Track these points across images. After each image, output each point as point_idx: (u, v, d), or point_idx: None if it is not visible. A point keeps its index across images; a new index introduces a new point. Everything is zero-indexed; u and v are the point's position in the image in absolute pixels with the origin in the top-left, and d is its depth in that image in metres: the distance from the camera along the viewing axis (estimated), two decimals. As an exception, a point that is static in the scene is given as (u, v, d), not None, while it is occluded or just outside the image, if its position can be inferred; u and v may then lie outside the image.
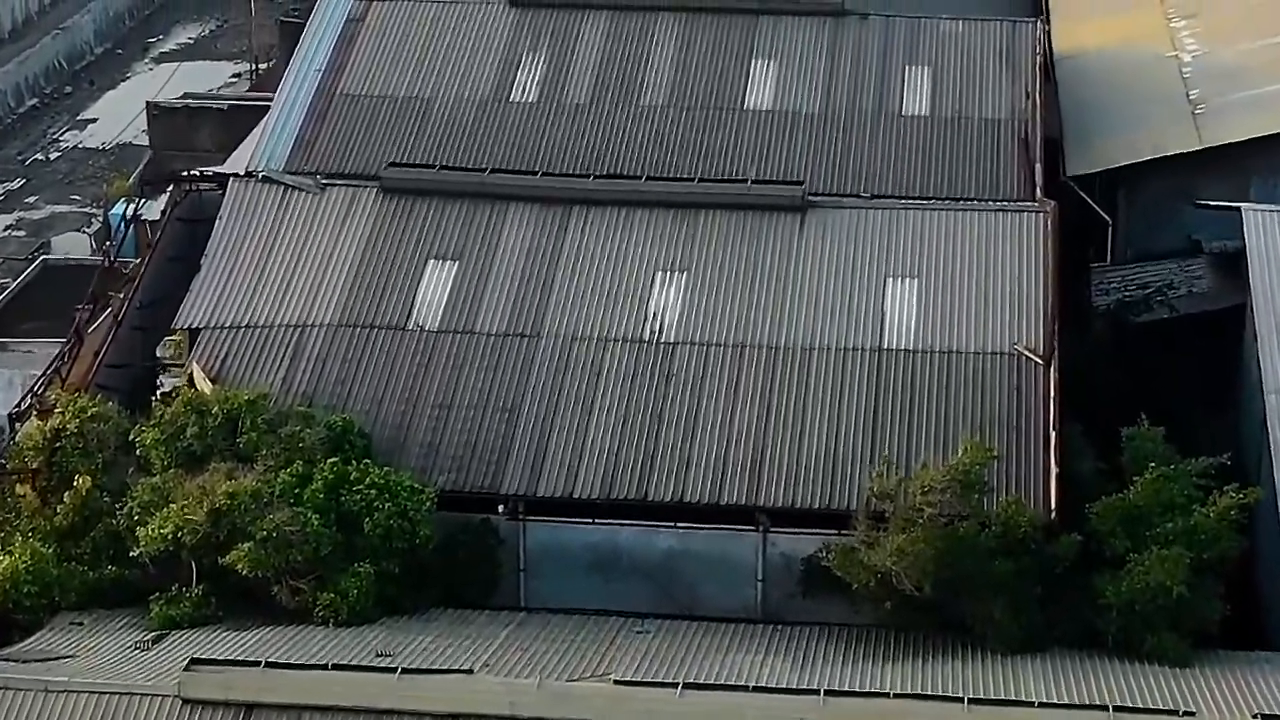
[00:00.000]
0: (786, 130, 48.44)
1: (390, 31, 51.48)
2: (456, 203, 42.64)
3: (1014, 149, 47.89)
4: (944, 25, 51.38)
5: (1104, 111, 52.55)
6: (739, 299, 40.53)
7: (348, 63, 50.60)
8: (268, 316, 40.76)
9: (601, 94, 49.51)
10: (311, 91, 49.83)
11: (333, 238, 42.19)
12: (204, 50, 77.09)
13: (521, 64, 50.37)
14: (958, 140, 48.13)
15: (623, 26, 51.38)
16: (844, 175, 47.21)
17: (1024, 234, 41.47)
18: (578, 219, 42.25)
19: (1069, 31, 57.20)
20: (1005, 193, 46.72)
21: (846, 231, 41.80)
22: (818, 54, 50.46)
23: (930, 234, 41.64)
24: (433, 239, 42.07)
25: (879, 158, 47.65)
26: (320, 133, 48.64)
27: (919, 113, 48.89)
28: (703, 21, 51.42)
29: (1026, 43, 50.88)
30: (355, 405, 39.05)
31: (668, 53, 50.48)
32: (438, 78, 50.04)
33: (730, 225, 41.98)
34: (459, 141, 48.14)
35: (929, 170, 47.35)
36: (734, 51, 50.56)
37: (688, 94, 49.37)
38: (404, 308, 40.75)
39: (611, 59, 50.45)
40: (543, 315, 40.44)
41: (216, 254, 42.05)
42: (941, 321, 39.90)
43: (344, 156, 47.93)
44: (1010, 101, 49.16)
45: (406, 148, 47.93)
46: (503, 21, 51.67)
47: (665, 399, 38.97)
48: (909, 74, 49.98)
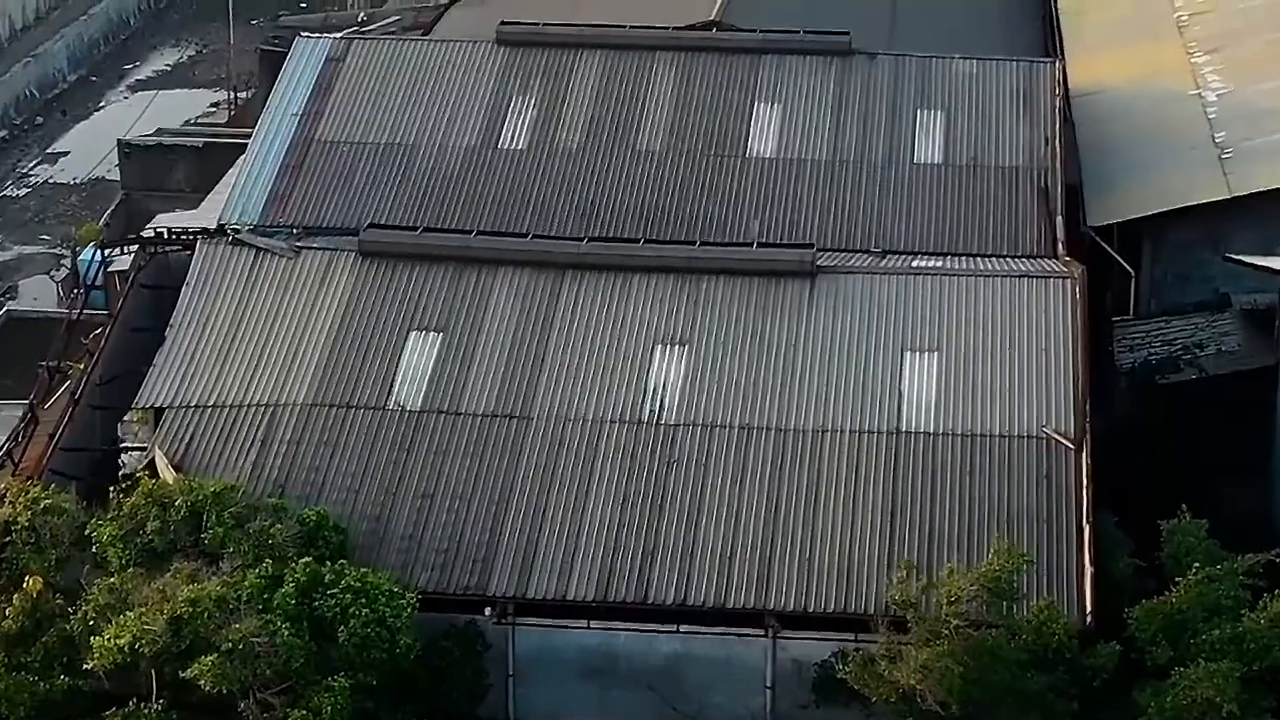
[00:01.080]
0: (792, 180, 45.20)
1: (371, 72, 48.19)
2: (440, 267, 39.26)
3: (1033, 199, 44.69)
4: (957, 65, 48.12)
5: (1125, 155, 49.24)
6: (745, 375, 37.20)
7: (326, 107, 47.31)
8: (237, 395, 37.40)
9: (595, 139, 46.24)
10: (287, 139, 46.55)
11: (307, 307, 38.84)
12: (182, 77, 73.49)
13: (511, 107, 47.10)
14: (973, 190, 44.92)
15: (618, 66, 48.10)
16: (853, 229, 44.02)
17: (1051, 303, 38.14)
18: (570, 286, 38.90)
19: (1084, 65, 53.84)
20: (1024, 247, 43.56)
21: (859, 300, 38.45)
22: (824, 97, 47.20)
23: (949, 302, 38.30)
24: (415, 308, 38.72)
25: (890, 210, 44.45)
26: (296, 183, 45.39)
27: (932, 160, 45.65)
28: (702, 61, 48.14)
29: (1044, 84, 47.63)
30: (330, 494, 35.74)
31: (665, 95, 47.21)
32: (422, 122, 46.77)
33: (734, 293, 38.63)
34: (444, 192, 44.91)
35: (943, 223, 44.15)
36: (735, 94, 47.30)
37: (687, 140, 46.11)
38: (384, 385, 37.41)
39: (606, 101, 47.17)
40: (533, 394, 37.11)
41: (182, 324, 38.69)
42: (963, 401, 36.59)
43: (321, 209, 44.69)
44: (1028, 148, 45.93)
45: (388, 200, 44.73)
46: (491, 61, 48.39)
47: (666, 488, 35.65)
48: (921, 118, 46.73)
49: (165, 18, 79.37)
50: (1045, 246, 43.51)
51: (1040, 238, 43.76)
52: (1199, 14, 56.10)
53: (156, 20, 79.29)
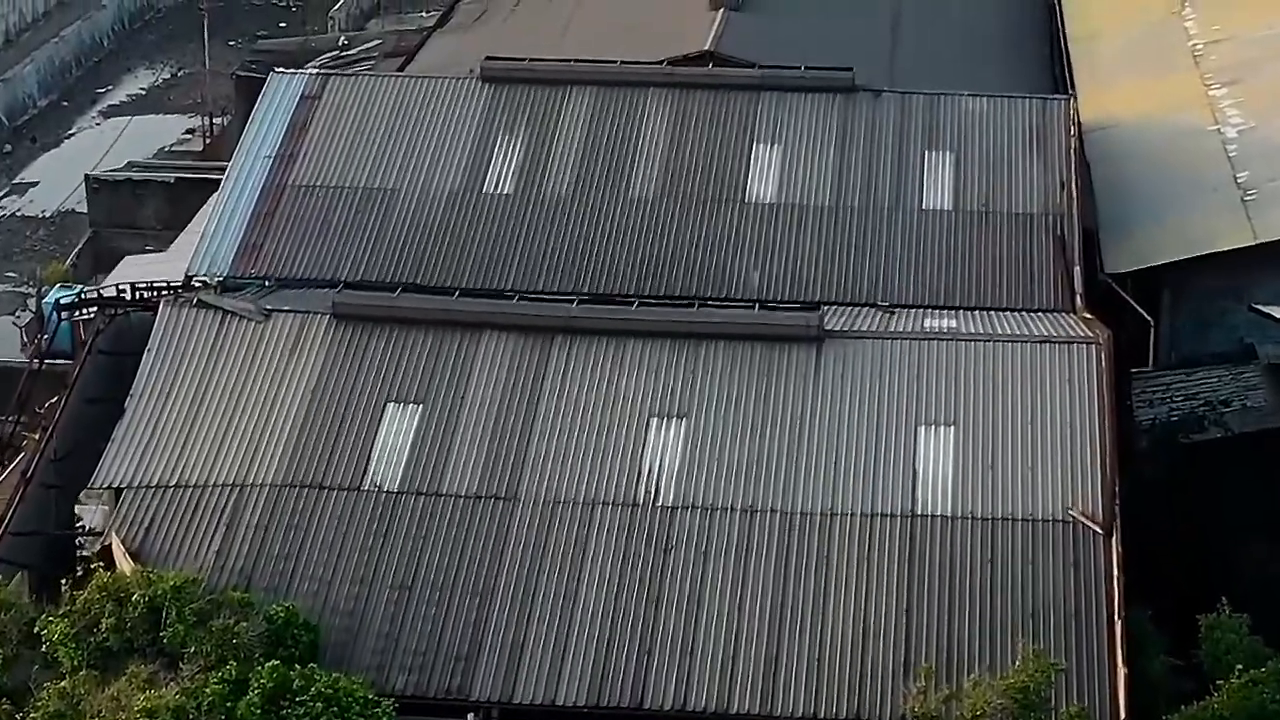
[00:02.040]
0: (793, 227, 42.24)
1: (349, 111, 45.20)
2: (420, 332, 36.23)
3: (1049, 248, 41.79)
4: (965, 103, 45.16)
5: (1142, 196, 46.27)
6: (747, 452, 34.21)
7: (301, 149, 44.31)
8: (201, 474, 34.40)
9: (586, 184, 43.28)
10: (260, 183, 43.58)
11: (277, 376, 35.81)
12: (156, 102, 70.25)
13: (497, 148, 44.13)
14: (985, 239, 42.00)
15: (608, 104, 45.12)
16: (859, 281, 41.08)
17: (1075, 371, 35.16)
18: (560, 352, 35.90)
19: (1096, 97, 50.86)
20: (1040, 300, 40.67)
21: (869, 367, 35.46)
22: (827, 137, 44.25)
23: (966, 371, 35.32)
24: (392, 377, 35.70)
25: (898, 260, 41.51)
26: (269, 232, 42.42)
27: (941, 206, 42.71)
28: (698, 99, 45.15)
29: (1058, 123, 44.69)
30: (300, 585, 32.74)
31: (659, 135, 44.24)
32: (402, 165, 43.79)
33: (736, 360, 35.65)
34: (425, 242, 41.91)
35: (954, 274, 41.22)
36: (733, 134, 44.32)
37: (682, 184, 43.14)
38: (359, 463, 34.39)
39: (597, 143, 44.21)
40: (519, 473, 34.09)
41: (143, 395, 35.67)
42: (983, 480, 33.63)
43: (295, 260, 41.74)
44: (1043, 192, 43.01)
45: (365, 250, 41.73)
46: (476, 99, 45.41)
47: (663, 578, 32.65)
48: (929, 160, 43.80)
49: (140, 38, 76.13)
50: (1063, 300, 40.65)
51: (1057, 290, 40.88)
52: (1214, 42, 53.14)
53: (131, 41, 76.06)
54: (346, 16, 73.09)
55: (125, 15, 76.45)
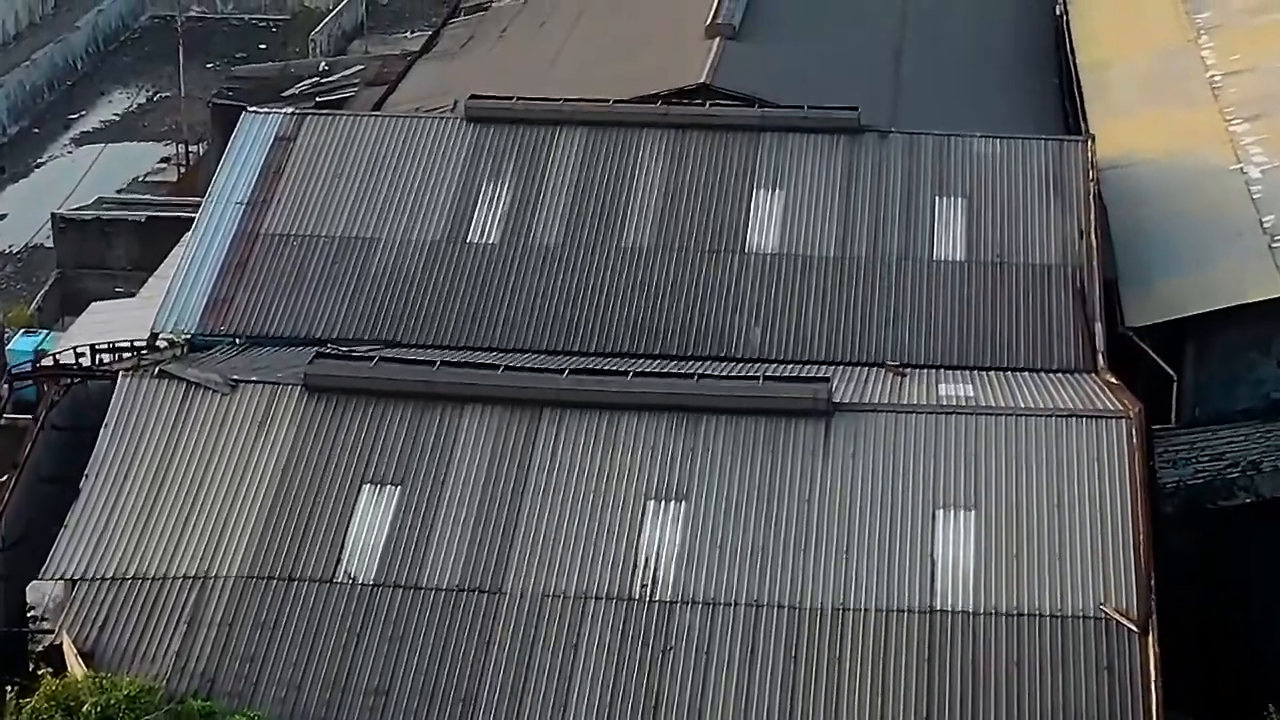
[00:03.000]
0: (796, 280, 39.46)
1: (326, 154, 42.36)
2: (398, 406, 33.28)
3: (1068, 303, 39.04)
4: (977, 145, 42.32)
5: (1163, 241, 43.46)
6: (751, 540, 31.26)
7: (275, 195, 41.51)
8: (160, 564, 31.43)
9: (576, 233, 40.47)
10: (230, 232, 40.81)
11: (244, 455, 32.86)
12: (130, 129, 67.06)
13: (482, 194, 41.32)
14: (1000, 292, 39.23)
15: (601, 146, 42.30)
16: (867, 339, 38.34)
17: (1105, 449, 32.24)
18: (549, 428, 32.99)
19: (1111, 132, 47.99)
20: (1060, 359, 37.97)
21: (883, 445, 32.52)
22: (832, 182, 41.44)
23: (987, 449, 32.39)
24: (369, 456, 32.77)
25: (908, 315, 38.75)
26: (240, 285, 39.66)
27: (953, 257, 39.92)
28: (695, 140, 42.33)
29: (1076, 166, 41.88)
30: (268, 691, 29.67)
31: (654, 180, 41.41)
32: (381, 212, 40.98)
33: (738, 436, 32.72)
34: (405, 297, 39.18)
35: (968, 331, 38.48)
36: (733, 178, 41.51)
37: (678, 233, 40.34)
38: (331, 553, 31.43)
39: (588, 188, 41.38)
40: (506, 564, 31.16)
41: (99, 476, 32.71)
42: (1007, 572, 30.71)
43: (267, 316, 39.04)
44: (1061, 242, 40.23)
45: (342, 305, 39.03)
46: (459, 140, 42.58)
47: (662, 682, 29.63)
48: (940, 207, 40.99)
49: (115, 60, 72.92)
50: (1084, 358, 37.95)
51: (1078, 348, 38.18)
52: (1234, 74, 50.34)
53: (105, 63, 72.84)
54: (328, 38, 70.22)
55: (100, 36, 73.33)
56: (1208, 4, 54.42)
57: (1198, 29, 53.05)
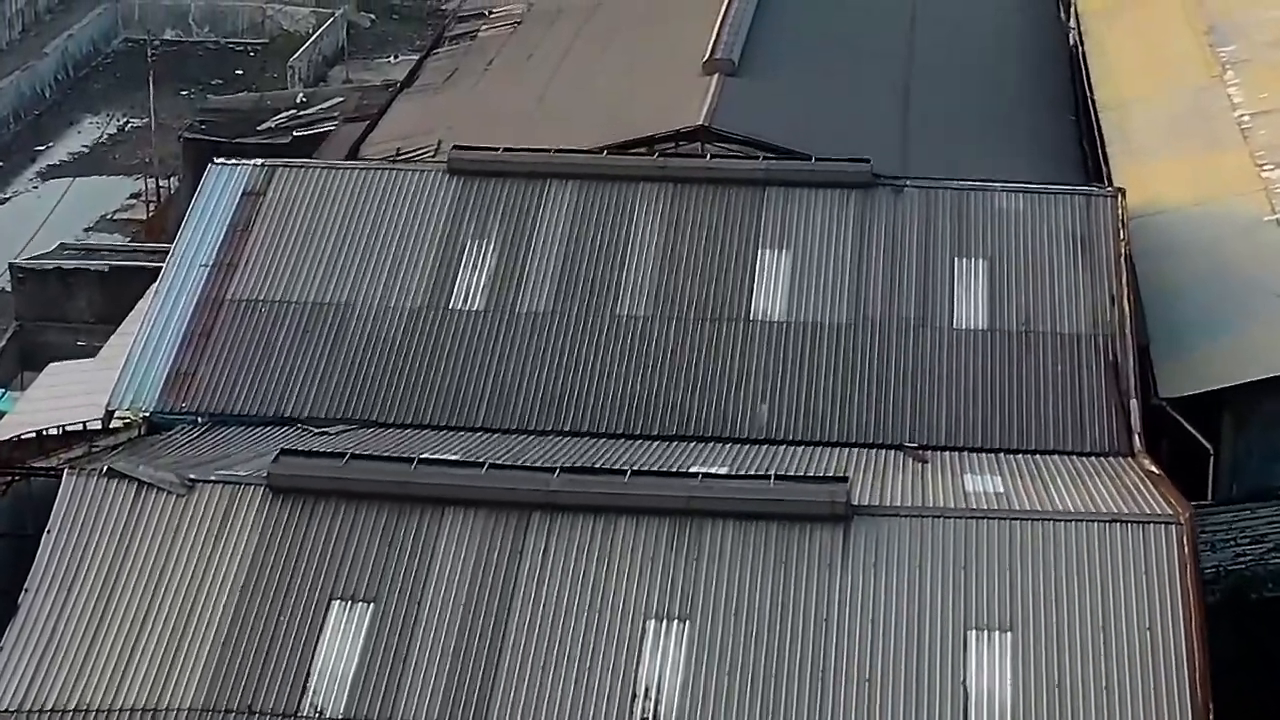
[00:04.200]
0: (806, 351, 36.00)
1: (297, 210, 38.89)
2: (372, 509, 29.70)
3: (1101, 377, 35.62)
4: (999, 200, 38.83)
5: (1196, 301, 40.06)
6: (764, 666, 27.60)
7: (242, 256, 38.06)
8: (106, 695, 27.71)
9: (567, 299, 37.02)
10: (194, 298, 37.36)
11: (201, 566, 29.26)
12: (99, 161, 63.31)
13: (465, 255, 37.88)
14: (1027, 365, 35.78)
15: (593, 202, 38.84)
16: (883, 417, 34.89)
17: (1153, 561, 28.68)
18: (537, 534, 29.39)
19: (1135, 179, 44.49)
20: (1092, 441, 34.58)
21: (907, 555, 28.96)
22: (843, 241, 37.98)
23: (1023, 559, 28.82)
24: (339, 567, 29.15)
25: (927, 391, 35.30)
26: (203, 357, 36.23)
27: (975, 325, 36.48)
28: (695, 196, 38.86)
29: (1106, 223, 38.42)
30: (223, 846, 26.46)
31: (652, 240, 37.96)
32: (357, 276, 37.53)
33: (747, 544, 29.14)
34: (382, 371, 35.73)
35: (992, 409, 35.05)
36: (736, 238, 38.06)
37: (677, 299, 36.89)
38: (296, 682, 27.65)
39: (580, 249, 37.93)
40: (489, 697, 27.38)
41: (41, 590, 29.05)
42: (1048, 702, 27.16)
43: (233, 390, 35.64)
44: (1091, 308, 36.79)
45: (313, 381, 35.62)
46: (442, 195, 39.11)
47: (665, 836, 26.42)
48: (960, 270, 37.53)
49: (85, 87, 69.06)
50: (1118, 439, 34.56)
51: (1112, 428, 34.76)
52: (1263, 113, 46.89)
53: (75, 91, 68.93)
54: (308, 65, 66.65)
55: (69, 62, 69.57)
56: (1232, 36, 51.00)
57: (1223, 64, 49.63)
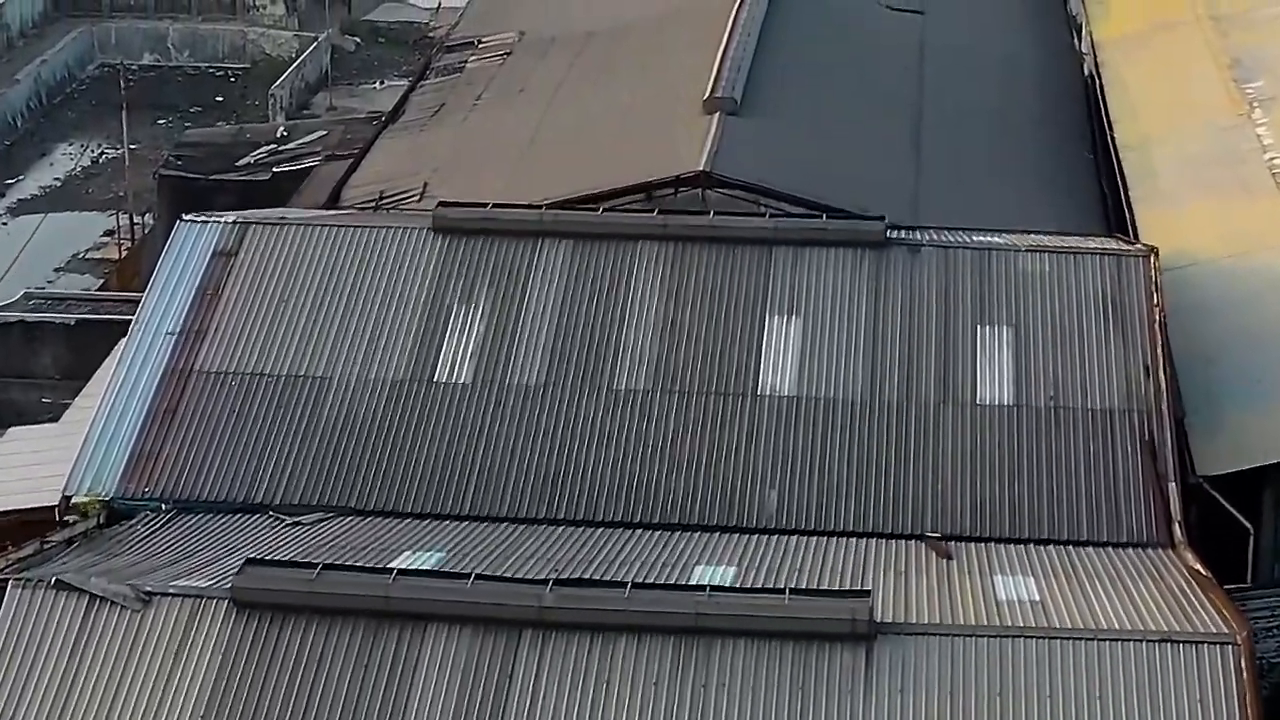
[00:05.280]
0: (818, 430, 33.15)
1: (272, 273, 35.97)
2: (347, 626, 26.73)
3: (1136, 458, 32.79)
4: (1023, 261, 35.94)
5: (1233, 367, 37.14)
6: (779, 811, 25.00)
7: (212, 323, 35.14)
8: (51, 838, 25.10)
9: (561, 370, 34.13)
10: (159, 369, 34.45)
11: (157, 688, 26.12)
12: (72, 196, 60.02)
13: (452, 322, 34.99)
14: (1056, 445, 32.93)
15: (589, 264, 35.94)
16: (902, 504, 32.11)
17: (1208, 687, 25.78)
18: (529, 655, 26.26)
19: (1160, 226, 41.72)
20: (1128, 530, 31.80)
21: (936, 679, 25.91)
22: (856, 307, 35.09)
23: (1065, 685, 25.79)
24: (309, 693, 25.98)
25: (950, 475, 32.48)
26: (169, 435, 33.33)
27: (1000, 400, 33.60)
28: (697, 256, 35.99)
29: (1138, 285, 35.55)
30: None
31: (651, 306, 35.07)
32: (336, 345, 34.63)
33: (760, 666, 26.15)
34: (361, 453, 32.87)
35: (1020, 495, 32.20)
36: (742, 303, 35.17)
37: (680, 371, 34.02)
38: (263, 823, 25.10)
39: (574, 316, 35.03)
40: (477, 846, 24.83)
41: (-20, 719, 26.38)
42: None
43: (200, 474, 32.79)
44: (1124, 381, 33.92)
45: (288, 460, 32.81)
46: (426, 255, 36.20)
47: None
48: (982, 338, 34.64)
49: (59, 115, 65.61)
50: (1157, 529, 31.76)
51: (1149, 518, 31.94)
52: (1294, 156, 44.14)
53: (48, 119, 65.44)
54: (290, 92, 63.56)
55: (43, 89, 66.31)
56: (1258, 71, 48.09)
57: (1249, 101, 46.72)
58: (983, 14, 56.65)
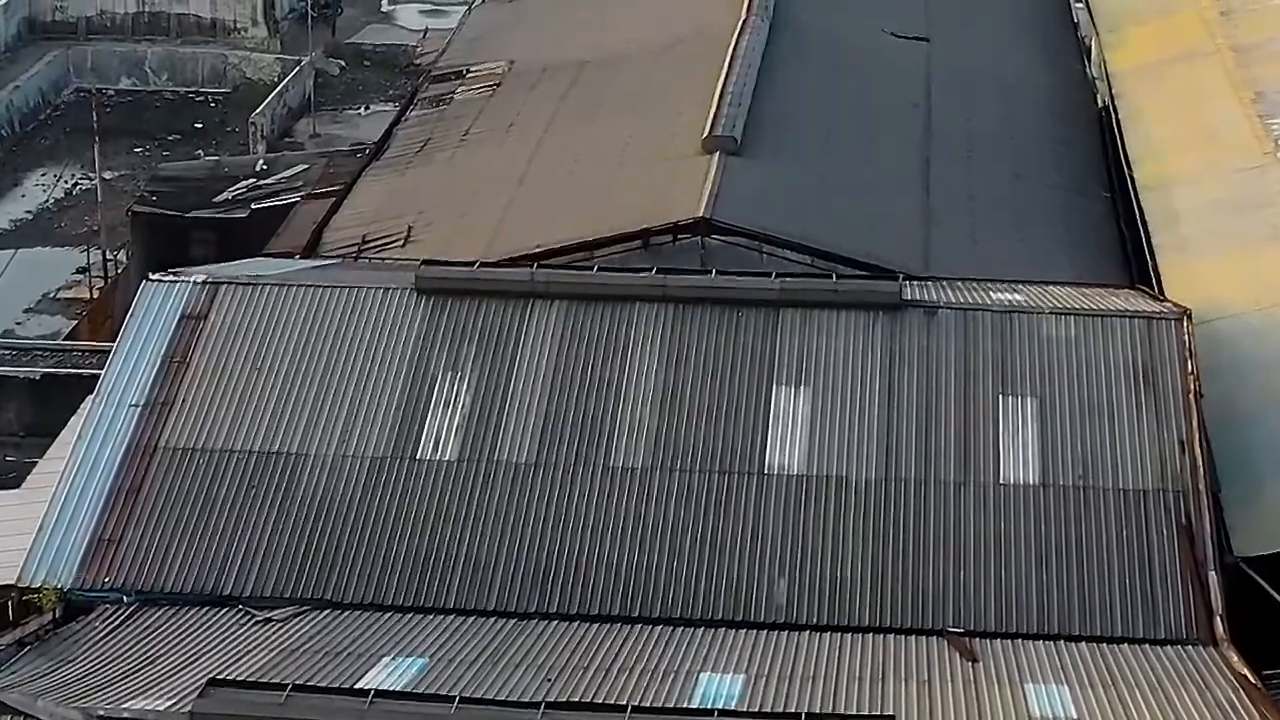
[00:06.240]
0: (830, 512, 30.55)
1: (244, 338, 33.26)
2: (320, 752, 24.32)
3: (1172, 544, 30.19)
4: (1047, 325, 33.26)
5: (1270, 434, 34.62)
6: None
7: (179, 393, 32.45)
8: None
9: (553, 446, 31.47)
10: (123, 445, 31.76)
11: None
12: (44, 230, 56.98)
13: (436, 392, 32.34)
14: (1086, 529, 30.32)
15: (584, 326, 33.28)
16: (922, 597, 29.52)
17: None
18: (520, 789, 23.98)
19: (1187, 276, 39.21)
20: (1165, 625, 29.29)
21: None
22: (870, 376, 32.43)
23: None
24: (276, 835, 23.79)
25: (973, 563, 29.88)
26: (131, 519, 30.69)
27: (1026, 479, 30.98)
28: (699, 319, 33.31)
29: (1170, 353, 32.91)
30: None
31: (651, 373, 32.41)
32: (312, 418, 31.96)
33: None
34: (338, 539, 30.25)
35: (1047, 586, 29.64)
36: (747, 371, 32.52)
37: (680, 448, 31.38)
38: None
39: (568, 384, 32.38)
40: None
41: None
42: None
43: (164, 561, 30.21)
44: (1158, 456, 31.31)
45: (258, 546, 30.20)
46: (409, 319, 33.53)
47: None
48: (1005, 410, 31.99)
49: (32, 144, 62.45)
50: (1196, 625, 29.17)
51: (1188, 611, 29.35)
52: (1326, 201, 41.52)
53: (21, 148, 62.32)
54: (271, 119, 60.83)
55: (16, 116, 63.39)
56: (1284, 107, 45.58)
57: (1275, 140, 44.11)
58: (989, 38, 54.17)
